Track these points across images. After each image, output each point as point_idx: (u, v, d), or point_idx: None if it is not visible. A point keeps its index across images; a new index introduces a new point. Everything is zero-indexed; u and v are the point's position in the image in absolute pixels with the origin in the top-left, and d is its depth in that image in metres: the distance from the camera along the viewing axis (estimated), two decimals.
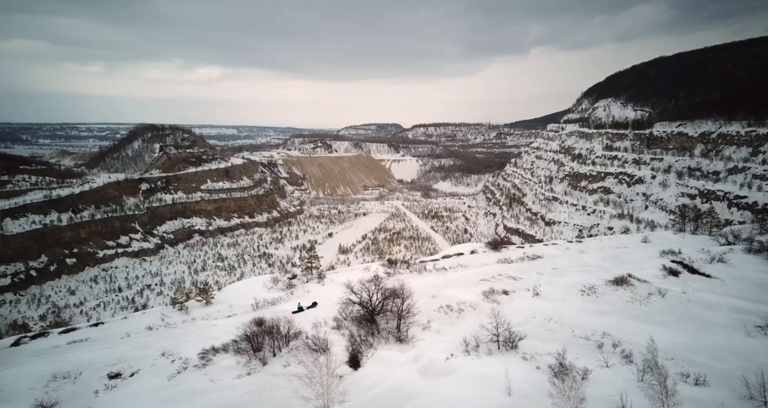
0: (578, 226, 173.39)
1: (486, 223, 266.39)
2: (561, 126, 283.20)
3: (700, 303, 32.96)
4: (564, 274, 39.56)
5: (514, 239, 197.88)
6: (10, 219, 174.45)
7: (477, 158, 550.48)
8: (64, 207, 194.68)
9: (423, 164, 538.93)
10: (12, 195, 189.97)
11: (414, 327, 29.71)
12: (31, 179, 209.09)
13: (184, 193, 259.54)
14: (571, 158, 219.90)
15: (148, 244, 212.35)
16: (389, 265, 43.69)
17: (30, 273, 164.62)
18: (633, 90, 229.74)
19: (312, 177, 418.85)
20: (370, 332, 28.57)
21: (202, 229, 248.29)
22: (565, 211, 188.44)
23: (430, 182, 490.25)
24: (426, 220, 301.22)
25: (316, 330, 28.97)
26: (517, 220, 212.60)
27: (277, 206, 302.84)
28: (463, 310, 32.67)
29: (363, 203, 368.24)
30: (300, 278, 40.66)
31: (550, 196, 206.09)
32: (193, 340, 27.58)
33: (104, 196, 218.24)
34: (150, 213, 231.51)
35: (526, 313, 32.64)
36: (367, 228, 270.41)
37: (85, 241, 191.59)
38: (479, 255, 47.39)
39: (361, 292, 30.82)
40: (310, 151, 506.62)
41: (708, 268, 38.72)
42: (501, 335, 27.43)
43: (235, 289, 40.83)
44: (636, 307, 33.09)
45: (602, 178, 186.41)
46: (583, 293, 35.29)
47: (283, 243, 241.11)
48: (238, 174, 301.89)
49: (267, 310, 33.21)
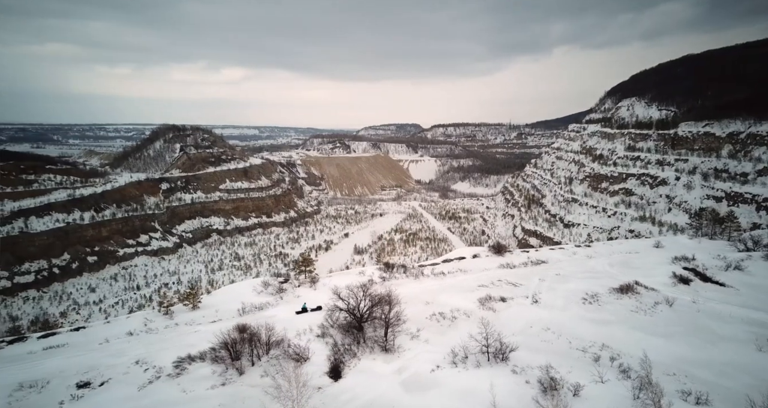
0: (598, 229, 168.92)
1: (504, 224, 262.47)
2: (583, 126, 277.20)
3: (711, 313, 30.84)
4: (567, 280, 37.75)
5: (532, 241, 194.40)
6: (35, 217, 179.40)
7: (497, 159, 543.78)
8: (87, 206, 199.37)
9: (441, 165, 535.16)
10: (38, 194, 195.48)
11: (402, 336, 28.44)
12: (57, 178, 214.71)
13: (203, 192, 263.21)
14: (591, 159, 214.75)
15: (167, 243, 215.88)
16: (386, 269, 42.50)
17: (53, 270, 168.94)
18: (658, 89, 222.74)
19: (330, 177, 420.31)
20: (356, 341, 27.39)
21: (220, 229, 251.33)
22: (585, 213, 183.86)
23: (448, 183, 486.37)
24: (443, 221, 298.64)
25: (300, 337, 27.99)
26: (535, 222, 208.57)
27: (294, 206, 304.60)
28: (457, 318, 31.29)
29: (380, 204, 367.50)
30: (292, 282, 39.82)
31: (570, 198, 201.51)
32: (170, 348, 26.79)
33: (126, 195, 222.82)
34: (169, 212, 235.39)
35: (522, 322, 31.11)
36: (384, 229, 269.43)
37: (106, 240, 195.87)
38: (481, 259, 45.90)
39: (349, 298, 29.69)
40: (329, 152, 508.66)
41: (722, 275, 36.36)
42: (491, 346, 26.02)
43: (224, 292, 40.13)
44: (640, 317, 31.19)
45: (624, 179, 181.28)
46: (584, 301, 33.49)
47: (299, 243, 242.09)
48: (257, 174, 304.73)
49: (253, 316, 32.39)
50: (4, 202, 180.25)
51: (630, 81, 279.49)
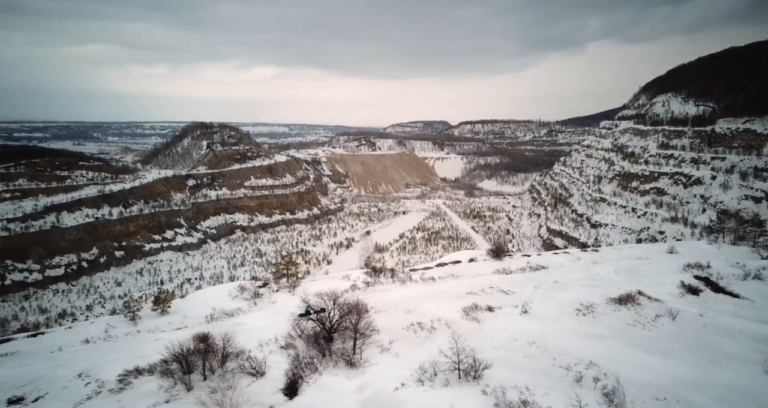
0: (626, 230, 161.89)
1: (530, 223, 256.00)
2: (615, 123, 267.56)
3: (718, 328, 27.57)
4: (564, 288, 34.83)
5: (557, 241, 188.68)
6: (67, 212, 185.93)
7: (525, 156, 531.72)
8: (115, 201, 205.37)
9: (468, 162, 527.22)
10: (70, 189, 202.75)
11: (372, 348, 26.33)
12: (88, 175, 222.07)
13: (228, 189, 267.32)
14: (622, 157, 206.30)
15: (191, 239, 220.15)
16: (372, 273, 40.49)
17: (82, 264, 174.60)
18: (696, 84, 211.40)
19: (354, 175, 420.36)
20: (321, 353, 25.42)
21: (244, 225, 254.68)
22: (613, 213, 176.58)
23: (474, 181, 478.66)
24: (467, 219, 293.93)
25: (262, 349, 26.12)
26: (560, 222, 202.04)
27: (317, 203, 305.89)
28: (436, 329, 29.01)
29: (404, 201, 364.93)
30: (270, 287, 38.21)
31: (598, 197, 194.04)
32: (122, 358, 25.28)
33: (153, 191, 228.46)
34: (195, 208, 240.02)
35: (506, 335, 28.59)
36: (406, 227, 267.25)
37: (133, 235, 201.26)
38: (478, 263, 43.33)
39: (318, 306, 27.88)
40: (354, 149, 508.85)
41: (738, 285, 32.76)
42: (463, 363, 23.75)
43: (198, 297, 38.63)
44: (638, 331, 28.20)
45: (656, 178, 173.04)
46: (578, 312, 30.65)
47: (321, 240, 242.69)
48: (281, 171, 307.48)
49: (221, 323, 30.76)
50: (39, 197, 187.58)
51: (666, 76, 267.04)
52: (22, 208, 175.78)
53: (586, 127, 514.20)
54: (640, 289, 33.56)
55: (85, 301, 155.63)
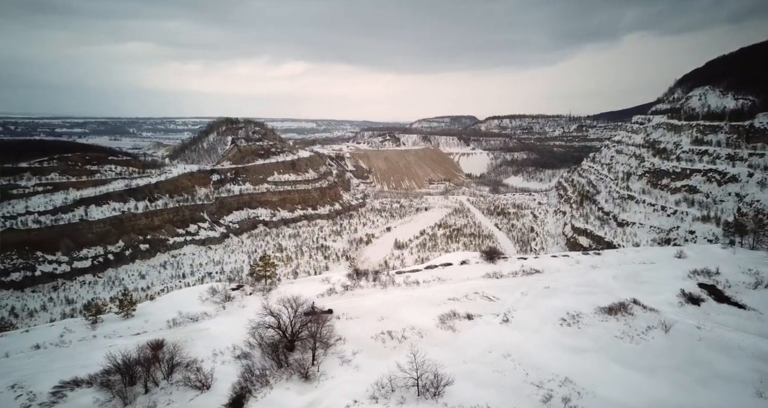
0: (654, 229, 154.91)
1: (555, 221, 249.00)
2: (647, 117, 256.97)
3: (715, 343, 24.76)
4: (554, 295, 32.34)
5: (582, 240, 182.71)
6: (95, 206, 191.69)
7: (554, 152, 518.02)
8: (141, 196, 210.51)
9: (494, 158, 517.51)
10: (99, 184, 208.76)
11: (333, 359, 24.62)
12: (117, 169, 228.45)
13: (252, 184, 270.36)
14: (653, 153, 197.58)
15: (214, 233, 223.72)
16: (354, 276, 38.76)
17: (108, 257, 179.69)
18: (737, 76, 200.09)
19: (377, 170, 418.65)
20: (278, 364, 23.83)
21: (266, 220, 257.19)
22: (641, 211, 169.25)
23: (500, 177, 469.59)
24: (491, 216, 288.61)
25: (215, 358, 24.59)
26: (586, 220, 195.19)
27: (339, 199, 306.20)
28: (406, 339, 27.07)
29: (426, 198, 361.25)
30: (245, 289, 36.83)
31: (626, 195, 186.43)
32: (64, 367, 23.96)
33: (178, 186, 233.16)
34: (218, 203, 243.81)
35: (482, 346, 26.49)
36: (427, 223, 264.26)
37: (158, 229, 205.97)
38: (469, 266, 41.15)
39: (280, 312, 26.21)
40: (378, 144, 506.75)
41: (747, 294, 29.61)
42: (422, 378, 21.89)
43: (168, 299, 37.47)
44: (625, 344, 25.69)
45: (687, 175, 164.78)
46: (563, 322, 28.24)
47: (341, 236, 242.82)
48: (304, 166, 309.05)
49: (183, 328, 29.50)
50: (69, 191, 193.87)
51: (705, 68, 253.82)
52: (53, 202, 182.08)
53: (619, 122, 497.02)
54: (637, 297, 30.88)
55: (110, 293, 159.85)
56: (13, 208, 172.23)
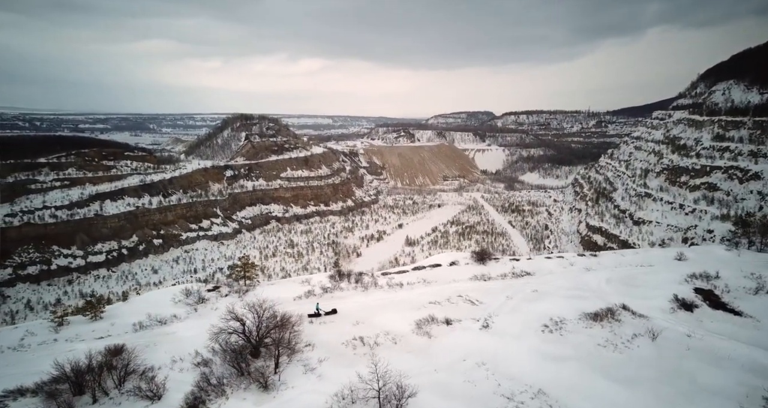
0: (672, 227, 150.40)
1: (570, 219, 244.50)
2: (668, 113, 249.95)
3: (704, 353, 23.05)
4: (540, 299, 30.76)
5: (596, 238, 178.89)
6: (110, 201, 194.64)
7: (571, 148, 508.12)
8: (155, 191, 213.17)
9: (510, 154, 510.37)
10: (115, 179, 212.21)
11: (298, 367, 23.42)
12: (132, 165, 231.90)
13: (265, 180, 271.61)
14: (672, 149, 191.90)
15: (226, 229, 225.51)
16: (336, 277, 37.63)
17: (122, 251, 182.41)
18: (763, 69, 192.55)
19: (391, 167, 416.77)
20: (240, 372, 22.67)
21: (279, 216, 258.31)
22: (659, 209, 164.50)
23: (516, 173, 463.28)
24: (505, 214, 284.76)
25: (173, 365, 23.62)
26: (601, 218, 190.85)
27: (352, 195, 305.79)
28: (379, 345, 25.81)
29: (440, 194, 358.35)
30: (221, 291, 35.81)
31: (642, 192, 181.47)
32: (13, 374, 23.07)
33: (192, 181, 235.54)
34: (231, 199, 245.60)
35: (458, 353, 25.10)
36: (440, 220, 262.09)
37: (171, 224, 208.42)
38: (458, 268, 39.76)
39: (245, 317, 25.04)
40: (393, 141, 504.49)
41: (746, 300, 27.68)
42: (385, 390, 20.67)
43: (140, 300, 36.48)
44: (608, 353, 24.09)
45: (707, 172, 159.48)
46: (545, 329, 26.72)
47: (353, 232, 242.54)
48: (317, 163, 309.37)
49: (149, 332, 28.61)
50: (85, 186, 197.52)
51: (729, 61, 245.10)
52: (69, 197, 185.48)
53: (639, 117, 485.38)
54: (627, 302, 29.16)
55: (123, 287, 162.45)
56: (31, 203, 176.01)
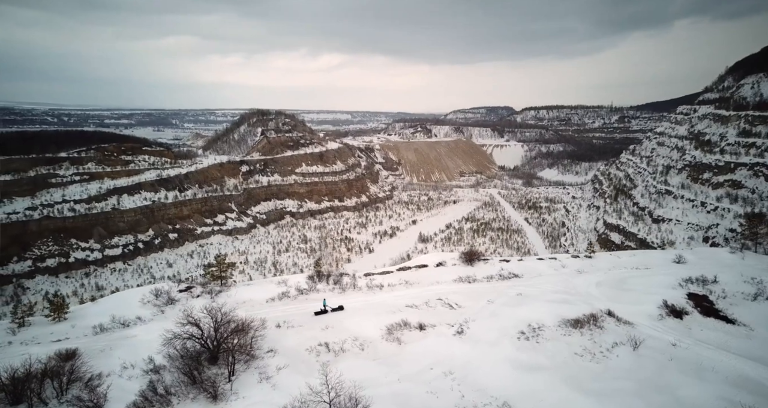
0: (692, 226, 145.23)
1: (587, 216, 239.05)
2: (693, 108, 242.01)
3: (688, 364, 21.25)
4: (523, 304, 29.10)
5: (614, 237, 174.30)
6: (127, 195, 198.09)
7: (592, 144, 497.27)
8: (171, 186, 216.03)
9: (529, 150, 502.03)
10: (132, 173, 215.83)
11: (254, 375, 22.27)
12: (150, 160, 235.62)
13: (280, 175, 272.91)
14: (695, 145, 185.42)
15: (241, 224, 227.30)
16: (315, 278, 36.48)
17: (138, 245, 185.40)
18: None
19: (407, 162, 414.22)
20: (192, 380, 21.52)
21: (293, 211, 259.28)
22: (679, 207, 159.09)
23: (534, 169, 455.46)
24: (521, 210, 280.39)
25: (123, 372, 22.64)
26: (619, 215, 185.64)
27: (366, 191, 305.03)
28: (345, 352, 24.51)
29: (456, 190, 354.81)
30: (193, 291, 34.68)
31: (663, 190, 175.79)
32: None
33: (208, 176, 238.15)
34: (246, 194, 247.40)
35: (426, 361, 23.69)
36: (454, 217, 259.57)
37: (186, 218, 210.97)
38: (445, 269, 38.33)
39: (201, 321, 23.76)
40: (410, 136, 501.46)
41: (743, 307, 25.69)
42: (335, 402, 19.48)
43: (109, 301, 35.48)
44: (584, 363, 22.46)
45: (732, 169, 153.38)
46: (521, 336, 25.13)
47: (366, 228, 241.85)
48: (332, 158, 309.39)
49: (109, 335, 27.63)
50: (104, 180, 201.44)
51: (760, 53, 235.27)
52: (88, 191, 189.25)
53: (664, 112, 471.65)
54: (614, 307, 27.36)
55: (138, 280, 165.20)
56: (51, 197, 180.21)
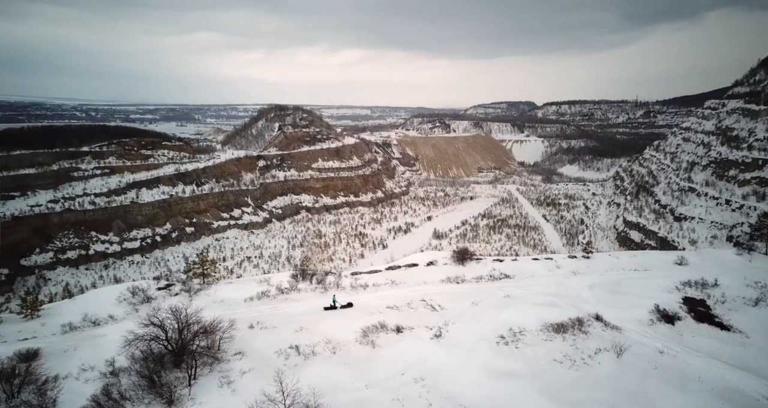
0: (716, 224, 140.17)
1: (607, 214, 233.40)
2: (722, 102, 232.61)
3: (672, 373, 19.76)
4: (509, 306, 27.69)
5: (633, 235, 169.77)
6: (146, 189, 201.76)
7: (616, 140, 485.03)
8: (189, 180, 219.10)
9: (549, 146, 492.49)
10: (151, 168, 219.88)
11: (216, 379, 21.38)
12: (169, 154, 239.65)
13: (296, 170, 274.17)
14: (721, 141, 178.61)
15: (257, 218, 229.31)
16: (299, 277, 35.62)
17: (155, 238, 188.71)
18: None
19: (424, 158, 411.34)
20: (151, 383, 20.67)
21: (308, 206, 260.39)
22: (702, 204, 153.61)
23: (555, 165, 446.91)
24: (539, 207, 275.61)
25: (81, 374, 21.97)
26: (639, 213, 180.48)
27: (382, 186, 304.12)
28: (315, 355, 23.40)
29: (474, 186, 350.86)
30: (172, 289, 33.88)
31: (686, 187, 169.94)
32: None
33: (225, 171, 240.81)
34: (262, 188, 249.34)
35: (399, 366, 22.52)
36: (471, 213, 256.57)
37: (203, 212, 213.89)
38: (435, 268, 37.23)
39: (165, 322, 22.82)
40: (427, 131, 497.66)
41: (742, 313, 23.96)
42: None
43: (86, 299, 34.67)
44: (562, 370, 21.10)
45: (759, 166, 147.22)
46: (501, 340, 23.84)
47: (380, 224, 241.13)
48: (348, 153, 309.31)
49: (78, 334, 26.93)
50: (124, 174, 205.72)
51: None
52: (108, 184, 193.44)
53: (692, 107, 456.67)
54: (604, 311, 25.78)
55: (155, 273, 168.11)
56: (73, 190, 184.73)
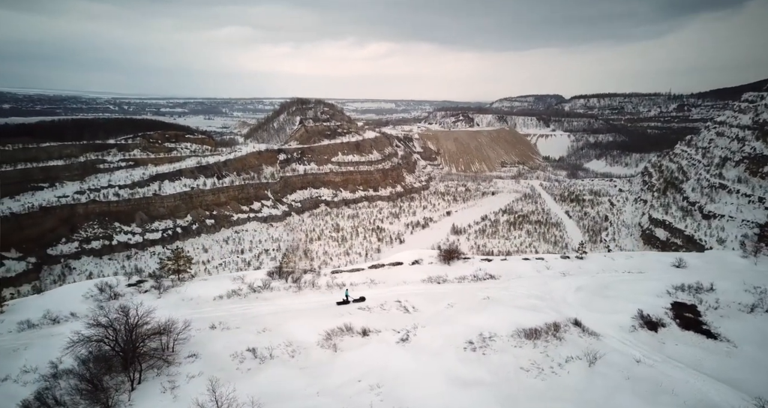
0: (747, 223, 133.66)
1: (633, 210, 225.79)
2: (760, 95, 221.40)
3: (644, 385, 18.10)
4: (485, 309, 26.16)
5: (659, 233, 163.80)
6: (168, 181, 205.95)
7: (646, 134, 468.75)
8: (210, 173, 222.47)
9: (576, 140, 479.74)
10: (174, 160, 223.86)
11: (162, 384, 20.45)
12: (192, 147, 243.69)
13: (316, 164, 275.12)
14: (756, 136, 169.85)
15: (276, 211, 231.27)
16: (275, 274, 34.69)
17: (176, 230, 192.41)
18: None
19: (446, 152, 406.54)
20: (93, 387, 19.56)
21: (327, 200, 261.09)
22: (733, 202, 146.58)
23: (581, 161, 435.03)
24: (563, 203, 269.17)
25: (20, 377, 21.30)
26: (666, 210, 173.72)
27: (402, 181, 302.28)
28: (273, 358, 22.18)
29: (496, 181, 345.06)
30: (142, 286, 33.15)
31: (717, 183, 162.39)
32: None
33: (246, 164, 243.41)
34: (282, 182, 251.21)
35: (356, 372, 21.27)
36: (491, 208, 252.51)
37: (223, 205, 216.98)
38: (419, 267, 35.80)
39: (112, 323, 21.81)
40: (450, 125, 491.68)
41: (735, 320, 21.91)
42: None
43: (54, 294, 33.80)
44: (528, 379, 19.59)
45: None
46: (468, 346, 22.42)
47: (399, 218, 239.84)
48: (368, 148, 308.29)
49: (34, 332, 26.28)
50: (147, 167, 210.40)
51: None
52: (132, 176, 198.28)
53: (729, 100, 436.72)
54: (586, 316, 24.06)
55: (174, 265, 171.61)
56: (98, 181, 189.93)
